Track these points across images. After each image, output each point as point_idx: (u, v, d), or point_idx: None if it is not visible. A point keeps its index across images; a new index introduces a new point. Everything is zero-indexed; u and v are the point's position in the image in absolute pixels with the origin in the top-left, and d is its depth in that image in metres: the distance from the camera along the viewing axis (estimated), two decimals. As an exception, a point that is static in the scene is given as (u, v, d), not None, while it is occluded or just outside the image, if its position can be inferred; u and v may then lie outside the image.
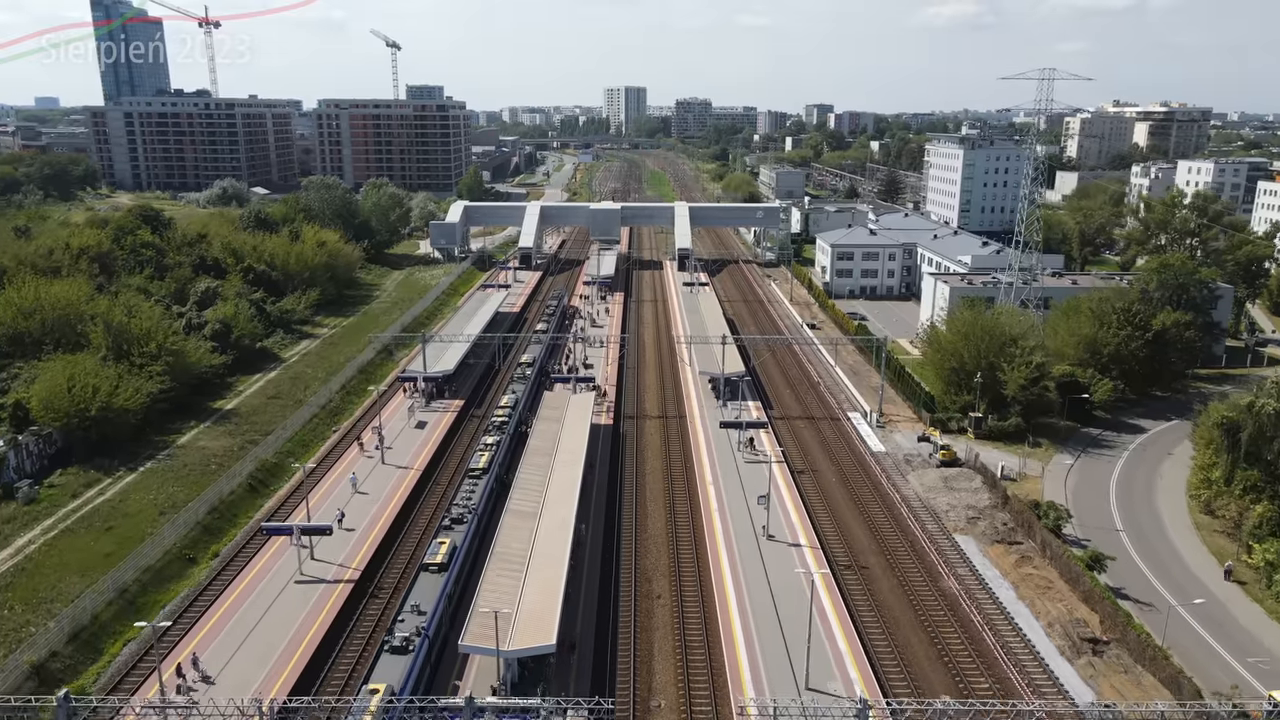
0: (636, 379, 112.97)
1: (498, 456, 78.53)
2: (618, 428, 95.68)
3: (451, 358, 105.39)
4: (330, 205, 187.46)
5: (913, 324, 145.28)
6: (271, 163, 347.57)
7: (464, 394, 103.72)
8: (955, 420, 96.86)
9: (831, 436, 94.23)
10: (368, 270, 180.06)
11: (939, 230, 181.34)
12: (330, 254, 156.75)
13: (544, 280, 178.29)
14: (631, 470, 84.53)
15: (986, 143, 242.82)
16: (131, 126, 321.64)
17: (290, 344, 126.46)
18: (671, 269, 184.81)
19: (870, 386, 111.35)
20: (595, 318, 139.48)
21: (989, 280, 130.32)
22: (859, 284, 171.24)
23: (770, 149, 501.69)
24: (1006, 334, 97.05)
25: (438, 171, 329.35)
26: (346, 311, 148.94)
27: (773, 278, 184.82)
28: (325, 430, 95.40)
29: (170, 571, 65.87)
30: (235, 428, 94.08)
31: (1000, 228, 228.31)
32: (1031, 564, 67.39)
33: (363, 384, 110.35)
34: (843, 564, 67.47)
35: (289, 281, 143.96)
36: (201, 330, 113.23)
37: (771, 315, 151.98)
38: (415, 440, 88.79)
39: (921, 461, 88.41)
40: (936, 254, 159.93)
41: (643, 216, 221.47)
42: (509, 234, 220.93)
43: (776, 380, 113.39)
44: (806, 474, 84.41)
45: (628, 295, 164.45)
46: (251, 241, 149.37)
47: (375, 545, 66.79)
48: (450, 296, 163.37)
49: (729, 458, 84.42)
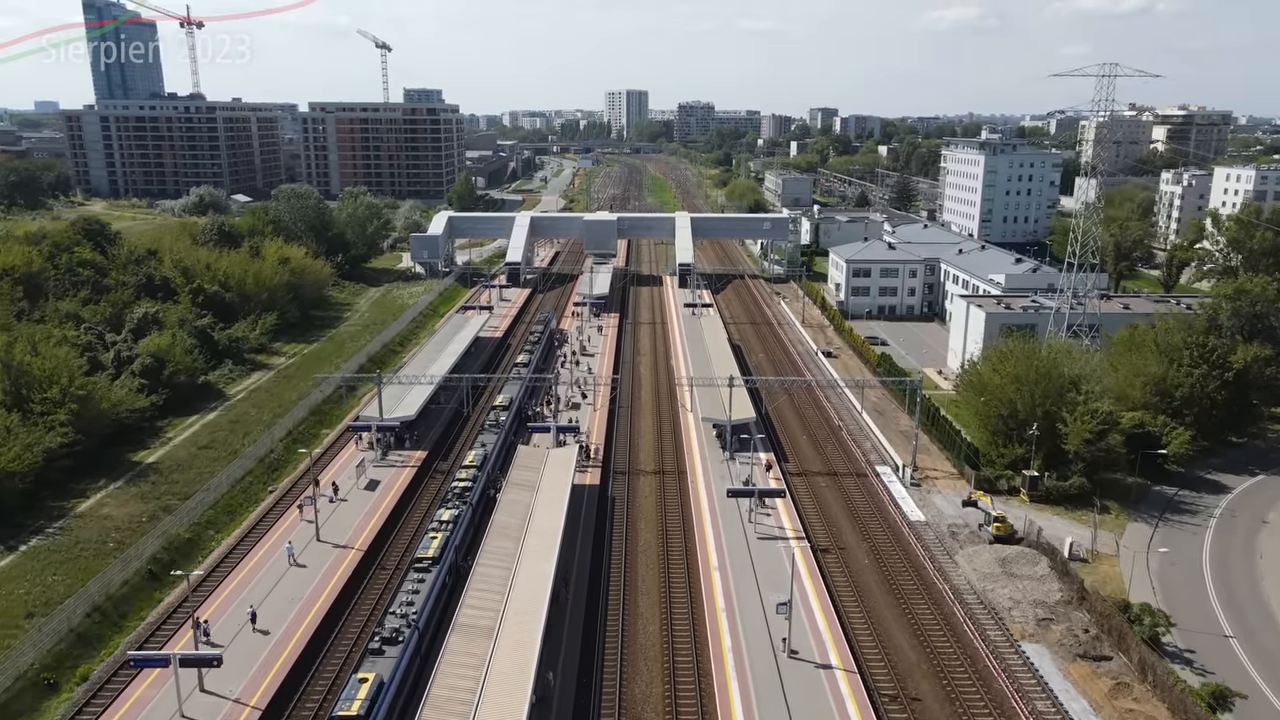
0: (630, 424, 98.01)
1: (454, 538, 63.63)
2: (606, 487, 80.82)
3: (414, 401, 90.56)
4: (302, 217, 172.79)
5: (938, 349, 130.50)
6: (256, 169, 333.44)
7: (428, 443, 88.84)
8: (1005, 479, 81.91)
9: (859, 500, 79.22)
10: (341, 288, 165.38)
11: (964, 243, 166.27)
12: (295, 271, 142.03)
13: (533, 298, 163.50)
14: (620, 551, 69.60)
15: (1009, 147, 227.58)
16: (108, 130, 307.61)
17: (239, 377, 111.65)
18: (672, 285, 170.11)
19: (899, 430, 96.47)
20: (586, 344, 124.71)
21: (1030, 305, 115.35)
22: (876, 303, 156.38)
23: (776, 154, 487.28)
24: (1066, 376, 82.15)
25: (428, 178, 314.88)
26: (311, 336, 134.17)
27: (782, 294, 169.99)
28: (259, 491, 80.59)
29: (18, 706, 51.00)
30: (152, 488, 79.25)
31: (1023, 239, 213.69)
32: (1131, 695, 52.36)
33: (315, 428, 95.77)
34: (886, 693, 52.50)
35: (246, 304, 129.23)
36: (131, 365, 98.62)
37: (782, 340, 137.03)
38: (362, 506, 73.96)
39: (970, 535, 73.44)
40: (964, 271, 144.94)
41: (641, 228, 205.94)
42: (499, 245, 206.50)
43: (791, 423, 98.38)
44: (832, 553, 69.50)
45: (623, 316, 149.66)
46: (205, 259, 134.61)
47: (281, 676, 51.72)
48: (428, 318, 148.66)
49: (737, 530, 69.54)
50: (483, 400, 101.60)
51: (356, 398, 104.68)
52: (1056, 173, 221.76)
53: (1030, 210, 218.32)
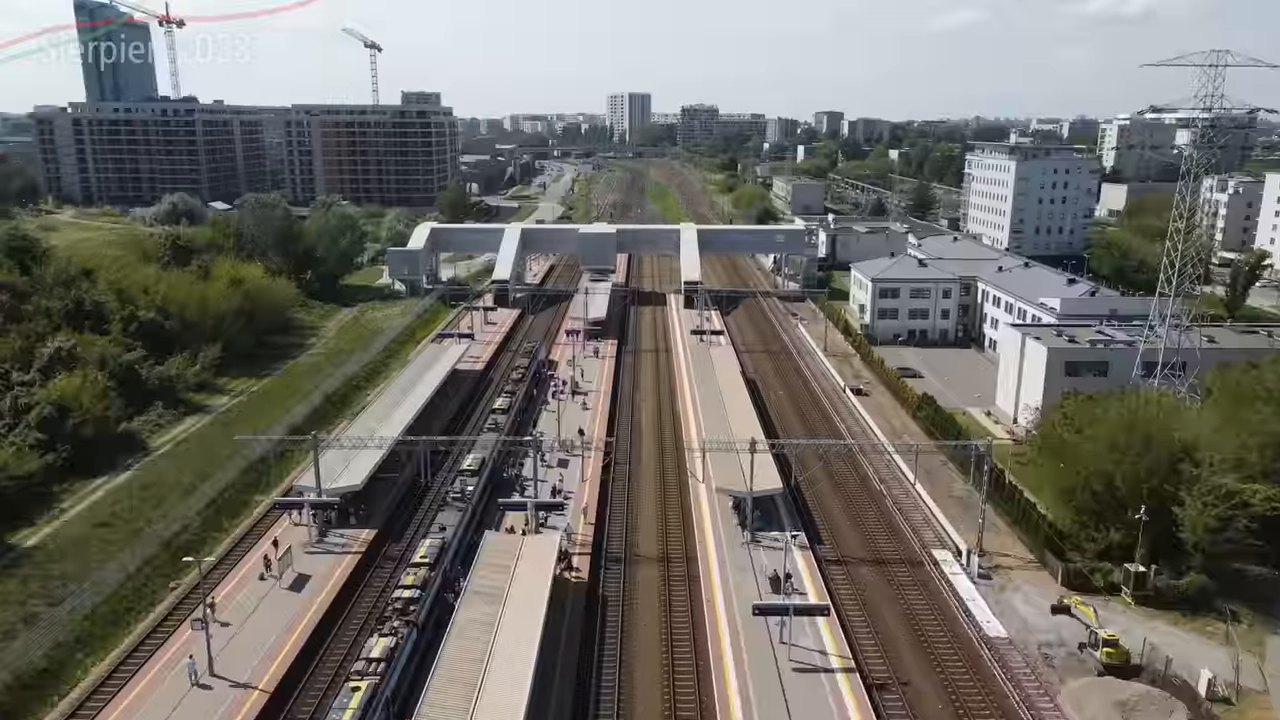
0: (628, 491, 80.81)
1: (384, 690, 46.76)
2: (596, 585, 63.94)
3: (361, 466, 73.65)
4: (268, 229, 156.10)
5: (982, 383, 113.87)
6: (239, 175, 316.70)
7: (379, 519, 72.07)
8: (1100, 572, 64.91)
9: (919, 605, 62.13)
10: (309, 309, 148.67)
11: (1003, 259, 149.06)
12: (252, 293, 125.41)
13: (522, 321, 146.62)
14: (612, 687, 52.69)
15: (1041, 152, 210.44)
16: (81, 134, 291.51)
17: (169, 424, 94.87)
18: (677, 305, 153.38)
19: (954, 496, 79.56)
20: (579, 380, 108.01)
21: (1098, 337, 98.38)
22: (905, 326, 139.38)
23: (786, 158, 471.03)
24: (1178, 444, 65.22)
25: (419, 184, 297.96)
26: (265, 368, 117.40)
27: (798, 315, 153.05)
28: (158, 588, 63.81)
29: None
30: (20, 586, 62.50)
31: (1058, 251, 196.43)
32: None
33: (247, 493, 78.99)
34: None
35: (189, 332, 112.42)
36: (28, 416, 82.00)
37: (803, 374, 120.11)
38: (282, 615, 57.17)
39: (1069, 658, 56.45)
40: (1008, 293, 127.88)
41: (643, 241, 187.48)
42: (489, 259, 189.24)
43: (823, 488, 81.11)
44: (893, 690, 52.57)
45: (622, 342, 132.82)
46: (145, 280, 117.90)
47: None
48: (403, 344, 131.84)
49: (766, 658, 52.76)
50: (452, 460, 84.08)
51: (302, 450, 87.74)
52: (1094, 179, 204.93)
53: (1065, 221, 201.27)
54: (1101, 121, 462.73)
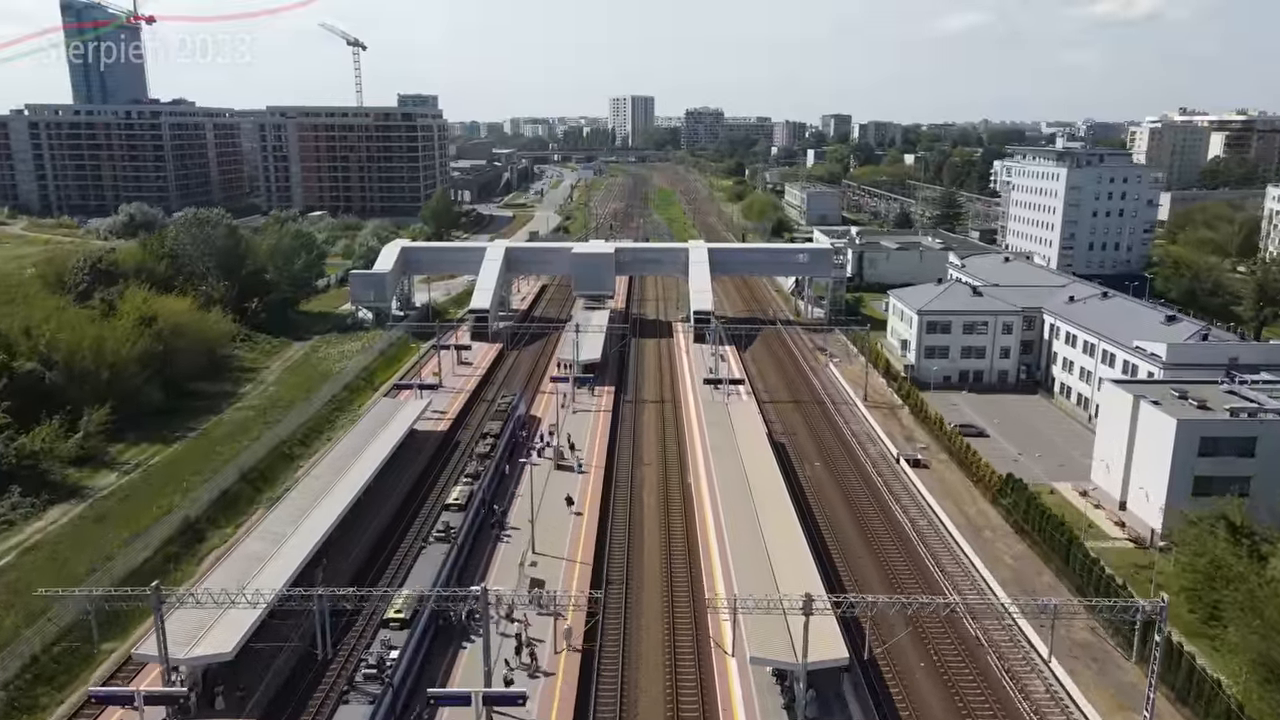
0: (623, 663, 57.40)
1: None
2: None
3: (233, 627, 50.83)
4: (208, 249, 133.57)
5: (1059, 443, 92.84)
6: (212, 181, 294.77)
7: (257, 708, 49.43)
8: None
9: None
10: (253, 345, 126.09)
11: (1072, 286, 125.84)
12: (168, 333, 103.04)
13: (501, 361, 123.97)
14: None
15: (1094, 159, 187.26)
16: (38, 139, 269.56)
17: (22, 520, 72.21)
18: (685, 338, 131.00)
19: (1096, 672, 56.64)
20: (567, 445, 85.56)
21: (1243, 405, 75.25)
22: (957, 367, 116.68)
23: (796, 163, 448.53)
24: None
25: (404, 193, 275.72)
26: (179, 429, 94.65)
27: (827, 350, 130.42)
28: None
29: None
30: None
31: (1115, 270, 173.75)
32: None
33: (84, 645, 56.11)
34: None
35: (78, 387, 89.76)
36: None
37: (843, 436, 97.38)
38: None
39: None
40: (1087, 331, 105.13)
41: (646, 262, 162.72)
42: (472, 280, 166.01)
43: (906, 658, 57.17)
44: None
45: (621, 390, 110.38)
46: (26, 320, 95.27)
47: None
48: (357, 394, 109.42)
49: None
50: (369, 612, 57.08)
51: (194, 556, 65.22)
52: (1155, 191, 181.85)
53: (1124, 236, 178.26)
54: (1129, 124, 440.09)
